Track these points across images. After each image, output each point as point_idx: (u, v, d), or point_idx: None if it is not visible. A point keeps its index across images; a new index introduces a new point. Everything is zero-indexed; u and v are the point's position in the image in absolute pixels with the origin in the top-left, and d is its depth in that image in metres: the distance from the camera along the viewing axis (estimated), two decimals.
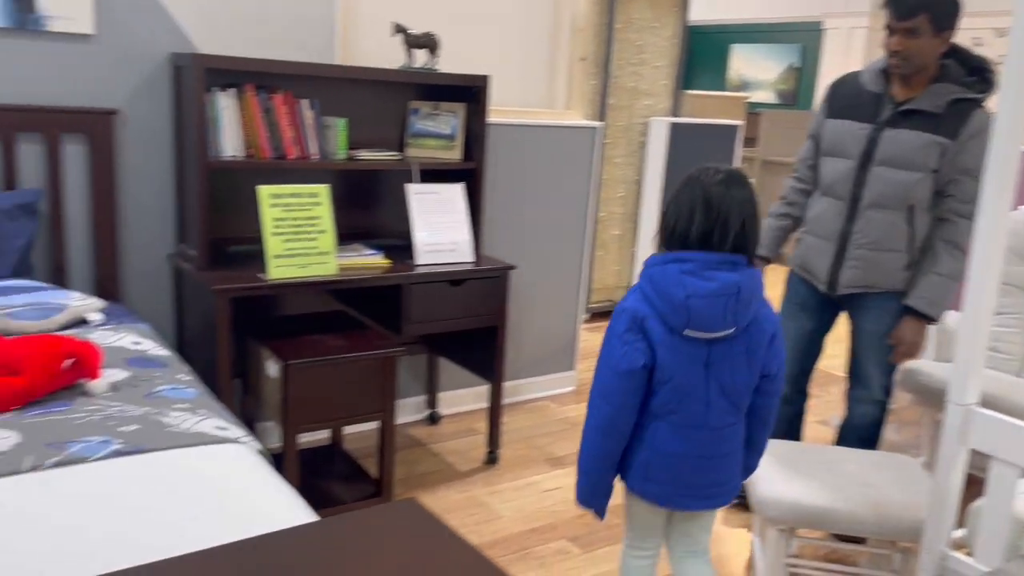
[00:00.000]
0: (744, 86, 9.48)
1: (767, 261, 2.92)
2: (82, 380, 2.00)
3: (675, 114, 5.41)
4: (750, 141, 8.27)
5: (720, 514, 3.02)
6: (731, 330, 1.79)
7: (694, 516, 2.00)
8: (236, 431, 1.88)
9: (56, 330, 2.38)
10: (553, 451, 3.47)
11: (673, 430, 1.84)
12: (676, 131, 5.24)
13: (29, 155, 2.65)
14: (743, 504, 3.09)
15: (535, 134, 3.75)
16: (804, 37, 8.76)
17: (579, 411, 3.92)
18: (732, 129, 5.53)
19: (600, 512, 1.94)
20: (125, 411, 1.89)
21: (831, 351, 4.32)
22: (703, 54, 9.83)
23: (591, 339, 4.98)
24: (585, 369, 4.46)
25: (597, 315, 5.41)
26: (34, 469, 1.60)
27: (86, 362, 1.99)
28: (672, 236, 1.81)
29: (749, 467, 2.01)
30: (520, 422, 3.75)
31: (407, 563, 1.15)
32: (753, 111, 8.41)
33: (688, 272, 1.75)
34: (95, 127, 2.72)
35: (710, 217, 1.76)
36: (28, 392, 1.88)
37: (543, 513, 2.96)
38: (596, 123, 3.94)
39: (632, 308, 1.81)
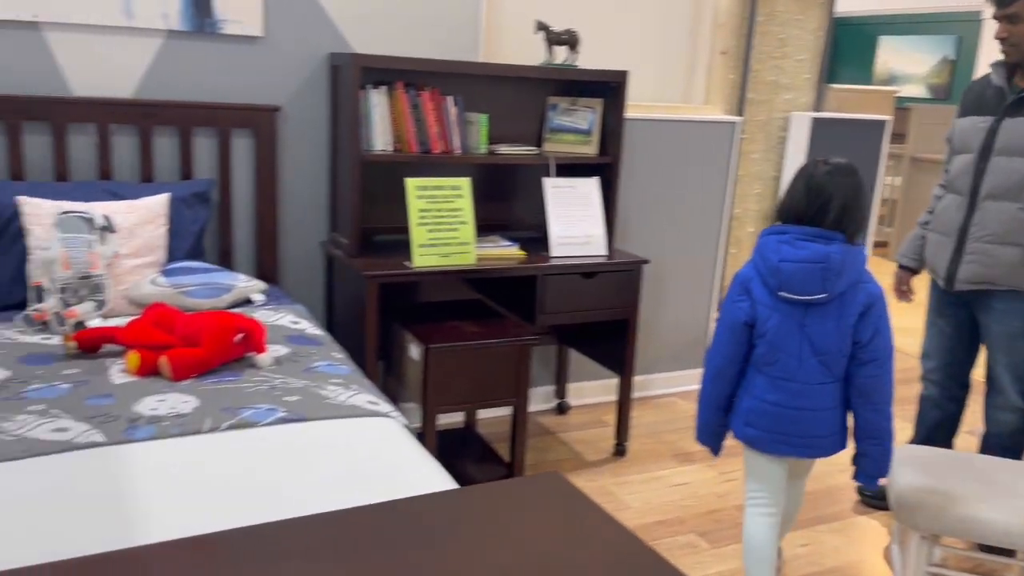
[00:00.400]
0: (892, 80, 9.03)
1: (912, 272, 2.89)
2: (250, 353, 2.19)
3: (817, 109, 5.25)
4: (899, 137, 7.88)
5: (859, 520, 2.95)
6: (822, 296, 2.03)
7: (794, 470, 2.31)
8: (386, 406, 2.01)
9: (224, 308, 2.60)
10: (682, 447, 3.47)
11: (769, 381, 2.12)
12: (818, 126, 5.08)
13: (203, 148, 2.91)
14: (878, 505, 3.00)
15: (672, 129, 3.75)
16: (960, 28, 8.26)
17: None
18: (879, 125, 5.30)
19: (715, 450, 2.28)
20: (287, 383, 2.06)
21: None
22: (849, 47, 9.43)
23: None
24: None
25: None
26: (212, 430, 1.78)
27: (254, 337, 2.18)
28: (781, 213, 2.13)
29: (864, 453, 2.16)
30: (648, 416, 3.77)
31: (551, 532, 1.22)
32: (902, 106, 8.00)
33: (784, 242, 2.06)
34: (261, 122, 2.94)
35: (811, 198, 2.05)
36: (205, 362, 2.08)
37: (671, 506, 2.98)
38: (735, 118, 3.89)
39: (742, 273, 2.15)
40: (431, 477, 1.65)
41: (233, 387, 2.01)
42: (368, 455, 1.73)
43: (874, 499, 3.03)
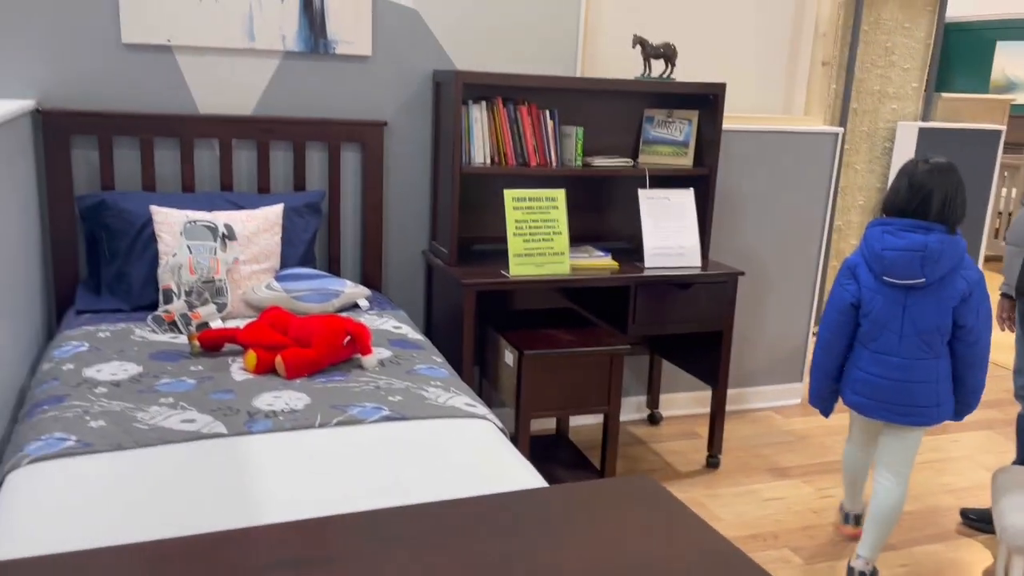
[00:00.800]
0: (1010, 87, 8.62)
1: (1012, 299, 2.80)
2: (357, 355, 2.32)
3: (925, 118, 5.09)
4: (1015, 147, 7.52)
5: (962, 542, 2.86)
6: (921, 280, 2.32)
7: (894, 431, 2.52)
8: (482, 409, 2.10)
9: (333, 312, 2.75)
10: (777, 461, 3.44)
11: (872, 356, 2.44)
12: (925, 136, 4.93)
13: (314, 161, 3.08)
14: (982, 528, 2.90)
15: (771, 140, 3.73)
16: None
17: (806, 424, 3.83)
18: (992, 135, 5.10)
19: (825, 412, 2.65)
20: (391, 384, 2.17)
21: None
22: (963, 53, 9.05)
23: None
24: None
25: None
26: (322, 426, 1.90)
27: (361, 340, 2.31)
28: (885, 207, 2.42)
29: (965, 403, 2.47)
30: (743, 430, 3.74)
31: (642, 532, 1.27)
32: (1019, 114, 7.63)
33: (888, 232, 2.35)
34: (368, 137, 3.10)
35: (913, 194, 2.33)
36: (316, 362, 2.22)
37: (764, 521, 2.96)
38: (836, 129, 3.84)
39: (850, 259, 2.49)
40: (524, 476, 1.73)
41: (342, 386, 2.14)
42: (465, 453, 1.82)
43: (977, 521, 2.93)
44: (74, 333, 2.41)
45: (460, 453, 1.82)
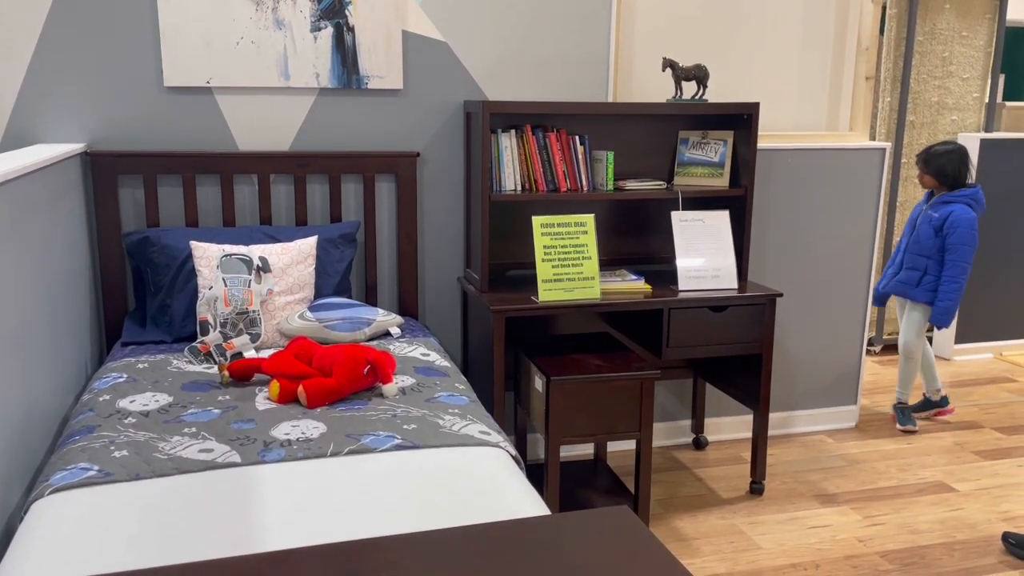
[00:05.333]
0: None
1: None
2: (378, 384, 2.37)
3: (988, 129, 4.89)
4: None
5: (1006, 574, 2.71)
6: None
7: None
8: (496, 436, 2.11)
9: (363, 341, 2.82)
10: (825, 488, 3.33)
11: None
12: (987, 148, 4.74)
13: (349, 192, 3.17)
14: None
15: (812, 158, 3.65)
16: None
17: (861, 448, 3.70)
18: None
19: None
20: (408, 412, 2.21)
21: None
22: None
23: (882, 373, 4.65)
24: (870, 405, 4.19)
25: (889, 347, 5.03)
26: (334, 455, 1.95)
27: (382, 369, 2.35)
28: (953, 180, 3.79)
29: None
30: (791, 455, 3.64)
31: (608, 562, 1.26)
32: None
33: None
34: (401, 168, 3.17)
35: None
36: (337, 391, 2.27)
37: (806, 550, 2.87)
38: (883, 144, 3.73)
39: (971, 214, 3.71)
40: (527, 505, 1.73)
41: (359, 415, 2.18)
42: (472, 482, 1.83)
43: (1016, 547, 2.77)
44: (116, 364, 2.53)
45: (466, 481, 1.84)
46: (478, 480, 1.85)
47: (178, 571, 1.23)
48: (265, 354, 2.65)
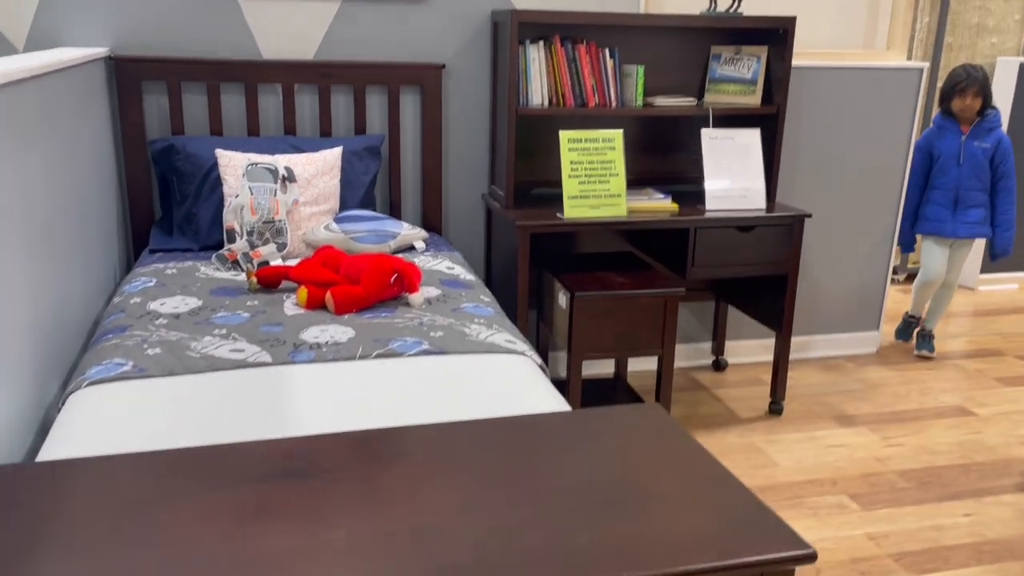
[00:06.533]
0: None
1: None
2: (404, 293, 2.38)
3: None
4: None
5: None
6: None
7: None
8: (522, 345, 2.12)
9: (389, 253, 2.81)
10: (844, 409, 3.35)
11: None
12: None
13: (374, 104, 3.13)
14: None
15: (847, 77, 3.55)
16: None
17: (881, 373, 3.71)
18: None
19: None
20: (434, 320, 2.22)
21: None
22: None
23: (904, 301, 4.63)
24: (891, 332, 4.18)
25: (914, 276, 4.99)
26: (363, 358, 1.97)
27: (408, 278, 2.36)
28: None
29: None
30: (812, 378, 3.65)
31: (640, 453, 1.27)
32: None
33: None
34: (426, 80, 3.11)
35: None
36: (364, 299, 2.29)
37: (823, 467, 2.90)
38: (920, 64, 3.62)
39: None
40: (552, 406, 1.75)
41: (386, 322, 2.19)
42: (497, 384, 1.85)
43: None
44: (145, 270, 2.55)
45: (492, 384, 1.85)
46: (505, 383, 1.87)
47: (211, 451, 1.25)
48: (292, 263, 2.66)
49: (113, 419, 1.63)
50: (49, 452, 1.53)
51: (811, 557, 1.05)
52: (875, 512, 2.63)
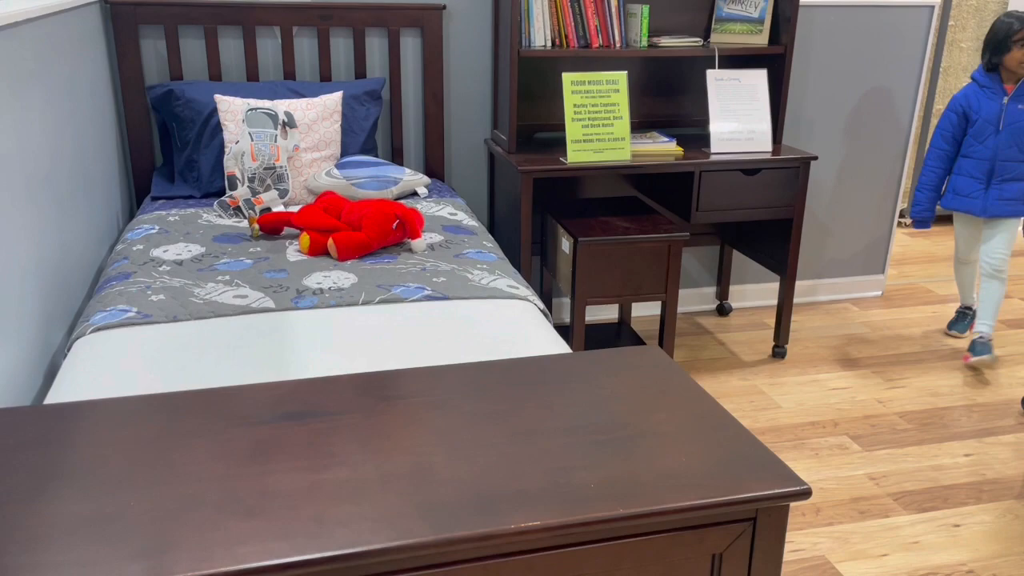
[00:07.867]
0: None
1: None
2: (407, 239, 2.37)
3: None
4: None
5: None
6: None
7: None
8: (524, 291, 2.12)
9: (391, 199, 2.80)
10: (848, 352, 3.36)
11: None
12: None
13: (374, 48, 3.08)
14: None
15: (858, 15, 3.47)
16: None
17: (885, 317, 3.71)
18: None
19: None
20: (437, 266, 2.22)
21: None
22: None
23: (911, 245, 4.60)
24: (897, 276, 4.17)
25: None
26: (365, 303, 1.98)
27: (410, 224, 2.35)
28: None
29: None
30: (816, 321, 3.66)
31: (638, 393, 1.28)
32: None
33: None
34: (427, 22, 3.06)
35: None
36: (366, 245, 2.28)
37: (825, 408, 2.92)
38: (933, 1, 3.54)
39: None
40: (553, 349, 1.76)
41: (389, 268, 2.20)
42: (498, 328, 1.86)
43: None
44: (147, 217, 2.55)
45: (494, 329, 1.86)
46: (507, 327, 1.87)
47: (220, 393, 1.27)
48: (293, 209, 2.65)
49: (119, 364, 1.65)
50: (56, 396, 1.55)
51: (805, 493, 1.07)
52: (876, 453, 2.66)
